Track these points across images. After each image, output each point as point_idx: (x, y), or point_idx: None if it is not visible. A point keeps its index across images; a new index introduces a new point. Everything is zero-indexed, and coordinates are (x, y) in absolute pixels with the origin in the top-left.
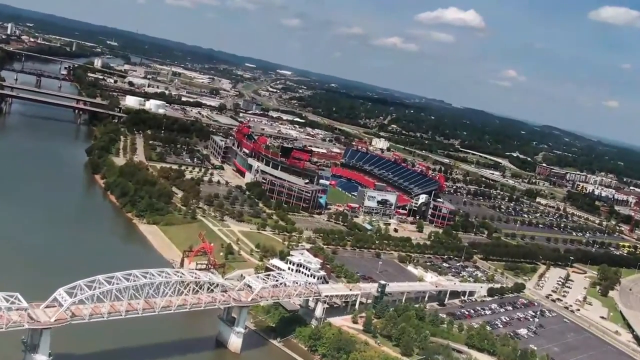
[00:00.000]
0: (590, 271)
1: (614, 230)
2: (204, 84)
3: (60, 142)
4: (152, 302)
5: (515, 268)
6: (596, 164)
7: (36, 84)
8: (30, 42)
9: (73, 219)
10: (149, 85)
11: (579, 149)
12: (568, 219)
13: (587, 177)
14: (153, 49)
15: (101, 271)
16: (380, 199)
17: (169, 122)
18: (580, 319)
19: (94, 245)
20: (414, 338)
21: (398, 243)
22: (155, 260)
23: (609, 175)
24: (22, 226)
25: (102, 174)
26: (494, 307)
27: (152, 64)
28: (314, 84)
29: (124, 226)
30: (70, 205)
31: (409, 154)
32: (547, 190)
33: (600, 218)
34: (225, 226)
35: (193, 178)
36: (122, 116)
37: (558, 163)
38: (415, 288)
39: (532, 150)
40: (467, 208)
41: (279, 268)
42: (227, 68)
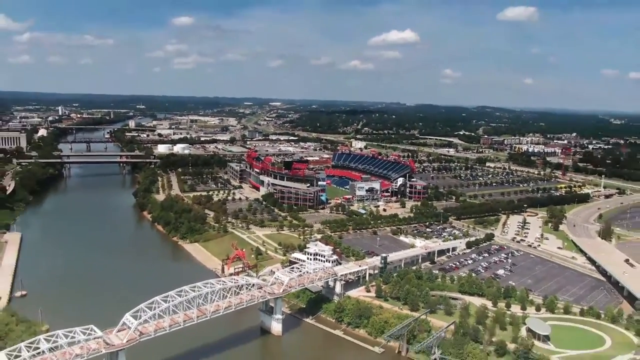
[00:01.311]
0: (540, 213)
1: (550, 177)
2: (215, 124)
3: (112, 191)
4: (203, 310)
5: (482, 222)
6: (524, 129)
7: (87, 149)
8: (78, 117)
9: (130, 250)
10: (174, 134)
11: (509, 119)
12: (513, 175)
13: (520, 140)
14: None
15: (159, 290)
16: (368, 188)
17: (194, 159)
18: (543, 253)
19: (150, 267)
20: (418, 295)
21: (389, 220)
22: (201, 272)
23: (536, 134)
24: (90, 261)
25: (148, 210)
26: (474, 257)
27: (174, 116)
28: (299, 108)
29: (171, 248)
30: (126, 239)
31: (382, 148)
32: (492, 156)
33: (538, 169)
34: (252, 233)
35: (220, 199)
36: (157, 161)
37: (495, 133)
38: (410, 254)
39: (474, 127)
40: (435, 181)
41: (300, 259)
42: (231, 109)
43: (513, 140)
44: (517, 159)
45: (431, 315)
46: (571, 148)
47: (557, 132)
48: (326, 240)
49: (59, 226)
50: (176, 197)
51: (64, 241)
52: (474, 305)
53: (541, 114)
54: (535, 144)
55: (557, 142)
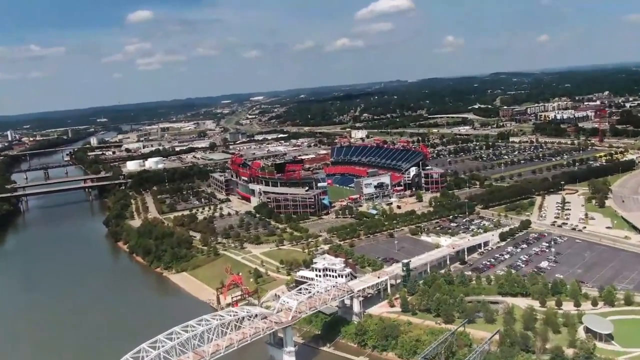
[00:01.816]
0: (581, 189)
1: (586, 145)
2: (191, 130)
3: (79, 222)
4: (200, 352)
5: (515, 208)
6: (548, 93)
7: (45, 177)
8: (31, 142)
9: (106, 290)
10: (144, 147)
11: (528, 85)
12: (543, 148)
13: (545, 106)
14: (138, 114)
15: (145, 335)
16: (377, 183)
17: (170, 174)
18: (590, 235)
19: (132, 308)
20: (451, 304)
21: (405, 218)
22: (193, 306)
23: (562, 98)
24: (59, 309)
25: (123, 240)
26: (510, 250)
27: (142, 127)
28: (285, 100)
29: (156, 282)
30: (100, 277)
31: (387, 135)
32: (515, 129)
33: (570, 138)
34: (247, 252)
35: (205, 217)
36: (127, 182)
37: (515, 102)
38: (436, 256)
39: (490, 98)
40: (453, 167)
41: (308, 278)
42: (207, 110)
43: (537, 108)
44: (544, 130)
45: (470, 326)
46: (605, 109)
47: (585, 92)
48: (335, 252)
49: (18, 270)
50: (154, 221)
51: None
52: (518, 307)
53: (564, 74)
54: (564, 110)
55: (589, 104)
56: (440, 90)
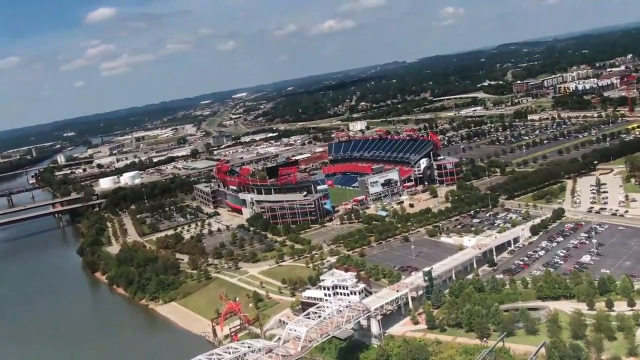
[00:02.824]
0: (616, 167)
1: (615, 117)
2: (169, 137)
3: (50, 253)
4: None
5: (544, 196)
6: (565, 62)
7: (9, 204)
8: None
9: (87, 329)
10: (118, 161)
11: (540, 54)
12: (567, 125)
13: (564, 77)
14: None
15: None
16: (384, 181)
17: (149, 189)
18: (634, 220)
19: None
20: (484, 315)
21: (420, 218)
22: (185, 341)
23: (582, 66)
24: (37, 351)
25: (101, 270)
26: (545, 245)
27: (113, 138)
28: (271, 95)
29: (141, 315)
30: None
31: (390, 125)
32: (533, 105)
33: (596, 110)
34: (243, 273)
35: (192, 236)
36: (101, 202)
37: (529, 75)
38: (460, 260)
39: (500, 73)
40: (468, 153)
41: (316, 298)
42: (185, 113)
43: (555, 80)
44: (566, 103)
45: (509, 340)
46: (632, 74)
47: (606, 57)
48: (344, 264)
49: None
50: (135, 245)
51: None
52: (563, 313)
53: (580, 39)
54: (584, 79)
55: (612, 71)
56: (444, 69)
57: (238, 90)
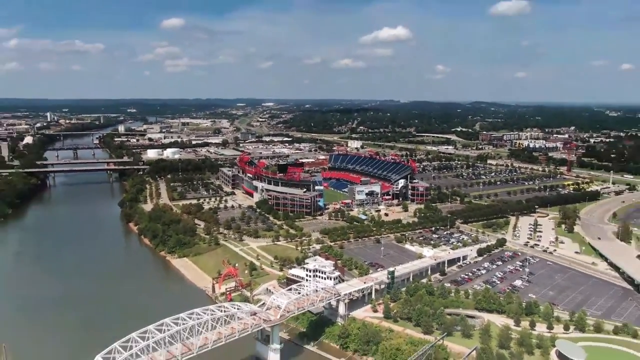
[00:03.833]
0: (551, 213)
1: (555, 173)
2: (207, 127)
3: (98, 201)
4: (189, 344)
5: (491, 225)
6: (521, 123)
7: (74, 156)
8: (67, 123)
9: (112, 270)
10: (165, 138)
11: (504, 114)
12: (517, 172)
13: (520, 135)
14: (163, 108)
15: (142, 319)
16: (368, 191)
17: (184, 165)
18: (560, 259)
19: (133, 291)
20: (431, 314)
21: (392, 226)
22: (190, 292)
23: (534, 129)
24: (67, 286)
25: (134, 222)
26: (487, 266)
27: (165, 120)
28: (292, 108)
29: (159, 265)
30: (109, 257)
31: (379, 147)
32: (493, 152)
33: (542, 165)
34: (245, 245)
35: (211, 208)
36: (145, 168)
37: (493, 128)
38: (419, 266)
39: (470, 123)
40: (437, 181)
41: (299, 277)
42: (223, 110)
43: (512, 136)
44: (519, 155)
45: (448, 339)
46: (574, 143)
47: (554, 125)
48: (326, 254)
49: (36, 244)
50: (164, 207)
51: (41, 262)
52: (494, 325)
53: (536, 108)
54: (536, 139)
55: (558, 137)
56: (429, 112)
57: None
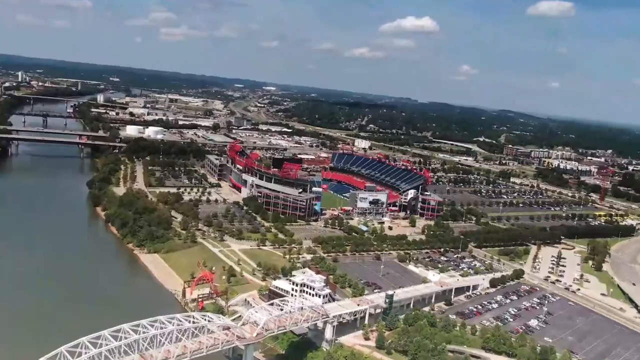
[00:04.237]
0: (578, 246)
1: (586, 201)
2: (198, 106)
3: (65, 178)
4: (148, 356)
5: (509, 252)
6: (552, 139)
7: (43, 124)
8: (39, 86)
9: (74, 257)
10: (148, 114)
11: (533, 127)
12: (543, 195)
13: (549, 153)
14: (151, 80)
15: (96, 320)
16: (372, 199)
17: (167, 147)
18: (583, 299)
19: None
20: (431, 350)
21: (395, 242)
22: (156, 293)
23: (566, 148)
24: (26, 269)
25: (103, 206)
26: (499, 299)
27: (151, 94)
28: (296, 95)
29: (125, 259)
30: (71, 242)
31: (389, 150)
32: (517, 170)
33: (571, 190)
34: (226, 246)
35: (191, 199)
36: (122, 146)
37: (519, 142)
38: (422, 291)
39: (495, 133)
40: (451, 196)
41: (283, 290)
42: (218, 90)
43: (541, 153)
44: (546, 176)
45: None
46: (611, 168)
47: (589, 146)
48: (317, 266)
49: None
50: (139, 193)
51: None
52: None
53: (569, 124)
54: (567, 160)
55: (592, 160)
56: (449, 116)
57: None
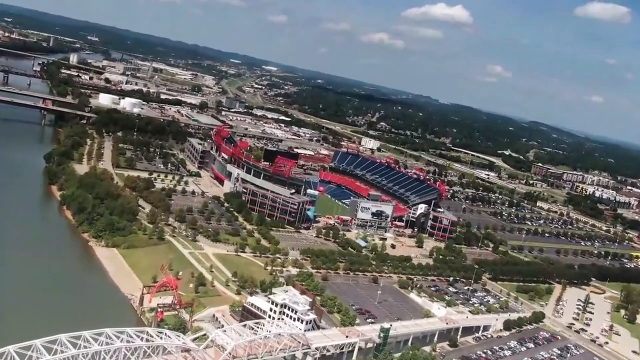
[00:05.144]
0: (609, 290)
1: (623, 238)
2: (186, 80)
3: (20, 147)
4: None
5: (528, 290)
6: (588, 161)
7: (3, 81)
8: (4, 37)
9: (13, 244)
10: (127, 82)
11: (568, 146)
12: (573, 226)
13: (584, 177)
14: (136, 44)
15: (36, 319)
16: (375, 210)
17: (143, 123)
18: (611, 356)
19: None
20: None
21: (397, 264)
22: (109, 297)
23: (603, 173)
24: None
25: (59, 185)
26: (513, 346)
27: (133, 59)
28: (300, 80)
29: (77, 249)
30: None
31: (400, 154)
32: (546, 193)
33: (606, 224)
34: (198, 248)
35: (164, 188)
36: (92, 116)
37: (550, 161)
38: (423, 327)
39: (523, 148)
40: (467, 216)
41: (260, 310)
42: (211, 64)
43: (575, 177)
44: (579, 204)
45: None
46: None
47: (630, 174)
48: (302, 286)
49: None
50: (103, 174)
51: None
52: None
53: (609, 146)
54: (604, 187)
55: (633, 190)
56: (472, 122)
57: (270, 62)
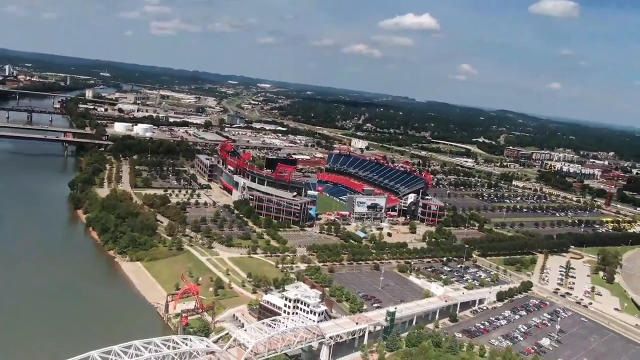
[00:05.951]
0: (587, 255)
1: (592, 206)
2: (190, 103)
3: (46, 177)
4: None
5: (515, 262)
6: (553, 141)
7: (28, 120)
8: (26, 80)
9: (47, 265)
10: (138, 110)
11: (533, 128)
12: (547, 200)
13: (551, 155)
14: (143, 76)
15: (69, 335)
16: (370, 204)
17: (155, 145)
18: (596, 315)
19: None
20: None
21: (395, 250)
22: (137, 307)
23: (567, 150)
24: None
25: (84, 208)
26: (507, 315)
27: (142, 89)
28: (292, 93)
29: (104, 266)
30: (45, 248)
31: (387, 151)
32: (519, 173)
33: (576, 195)
34: (214, 254)
35: (179, 202)
36: (109, 144)
37: (519, 143)
38: (425, 307)
39: (494, 134)
40: (452, 200)
41: (275, 306)
42: (211, 87)
43: (543, 155)
44: (549, 179)
45: None
46: (616, 172)
47: (590, 149)
48: (312, 280)
49: None
50: (123, 195)
51: None
52: None
53: (570, 126)
54: (569, 162)
55: (595, 163)
56: (447, 116)
57: (264, 80)
